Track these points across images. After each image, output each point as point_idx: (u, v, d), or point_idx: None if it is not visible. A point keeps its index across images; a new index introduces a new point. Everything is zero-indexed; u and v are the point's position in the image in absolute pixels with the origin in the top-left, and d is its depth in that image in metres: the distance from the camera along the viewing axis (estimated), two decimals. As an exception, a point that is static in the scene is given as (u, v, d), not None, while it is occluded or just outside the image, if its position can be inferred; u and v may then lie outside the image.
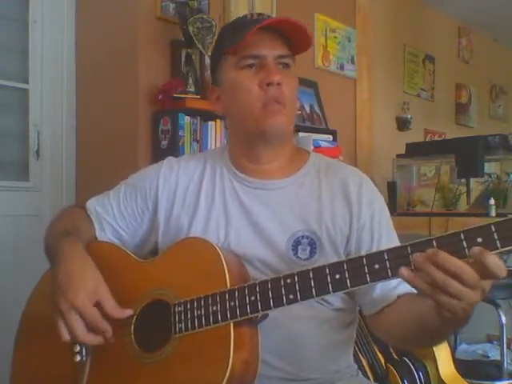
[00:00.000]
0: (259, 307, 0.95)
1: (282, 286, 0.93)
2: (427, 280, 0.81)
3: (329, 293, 0.91)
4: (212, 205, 1.16)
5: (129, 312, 1.04)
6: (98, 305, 1.01)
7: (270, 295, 0.94)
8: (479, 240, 0.80)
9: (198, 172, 1.22)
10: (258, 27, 1.05)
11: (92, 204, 1.27)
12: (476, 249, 0.78)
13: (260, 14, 1.15)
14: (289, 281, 0.93)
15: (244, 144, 1.17)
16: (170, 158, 1.28)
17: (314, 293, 0.91)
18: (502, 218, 0.81)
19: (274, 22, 1.08)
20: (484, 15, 4.35)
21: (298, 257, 1.09)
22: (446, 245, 0.83)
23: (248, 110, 1.10)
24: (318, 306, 1.11)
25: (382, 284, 1.06)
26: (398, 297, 1.07)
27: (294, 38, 1.11)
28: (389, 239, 1.12)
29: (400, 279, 1.06)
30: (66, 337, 1.01)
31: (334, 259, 1.05)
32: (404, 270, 0.82)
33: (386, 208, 1.18)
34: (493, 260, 0.77)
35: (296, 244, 1.10)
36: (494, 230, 0.80)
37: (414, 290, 1.08)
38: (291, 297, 0.93)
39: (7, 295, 2.07)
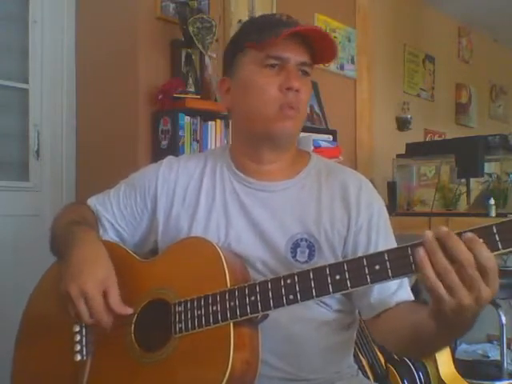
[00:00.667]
0: (259, 307, 0.95)
1: (282, 287, 0.93)
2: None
3: (329, 293, 0.91)
4: (212, 205, 1.16)
5: (129, 311, 1.04)
6: (104, 294, 1.02)
7: (270, 295, 0.94)
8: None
9: (198, 171, 1.21)
10: (294, 30, 1.05)
11: (92, 202, 1.27)
12: (469, 234, 0.78)
13: (289, 17, 1.13)
14: (289, 281, 0.93)
15: (247, 142, 1.17)
16: (170, 157, 1.28)
17: (314, 293, 0.91)
18: (504, 219, 0.80)
19: (309, 30, 1.08)
20: (484, 15, 4.35)
21: (297, 260, 1.09)
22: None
23: (261, 109, 1.09)
24: (318, 308, 1.11)
25: (381, 289, 1.06)
26: (397, 304, 1.07)
27: (319, 48, 1.11)
28: (386, 242, 1.12)
29: (399, 284, 1.06)
30: (74, 316, 1.03)
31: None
32: (421, 250, 0.81)
33: (385, 211, 1.18)
34: (484, 251, 0.77)
35: (295, 246, 1.10)
36: (495, 231, 0.80)
37: (412, 297, 1.09)
38: (291, 297, 0.92)
39: (7, 295, 2.07)
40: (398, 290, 1.07)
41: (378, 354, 2.05)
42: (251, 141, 1.15)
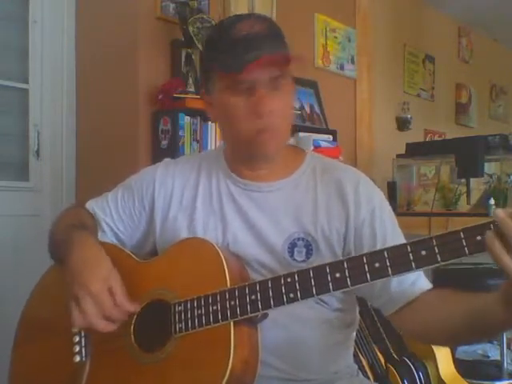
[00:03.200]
0: (259, 306, 0.95)
1: (283, 285, 0.93)
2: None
3: (329, 291, 0.91)
4: (209, 207, 1.16)
5: (137, 307, 1.04)
6: (109, 292, 1.01)
7: (271, 294, 0.94)
8: (478, 238, 0.80)
9: (194, 174, 1.21)
10: (252, 66, 1.01)
11: (91, 206, 1.27)
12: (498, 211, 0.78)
13: (248, 34, 1.04)
14: (289, 280, 0.93)
15: (238, 154, 1.17)
16: (167, 159, 1.29)
17: (314, 291, 0.92)
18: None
19: (264, 62, 1.02)
20: (484, 15, 4.35)
21: (295, 259, 1.09)
22: (446, 243, 0.83)
23: (237, 136, 1.09)
24: (318, 307, 1.10)
25: (399, 281, 1.05)
26: (423, 293, 1.05)
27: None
28: (394, 236, 1.11)
29: (415, 275, 1.05)
30: (80, 322, 1.00)
31: (330, 261, 1.04)
32: (490, 232, 0.79)
33: (387, 204, 1.17)
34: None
35: (292, 246, 1.10)
36: (493, 228, 0.80)
37: (431, 285, 1.07)
38: (291, 295, 0.93)
39: (7, 295, 2.07)
40: (417, 280, 1.06)
41: (378, 354, 2.05)
42: (241, 154, 1.16)
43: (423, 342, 1.77)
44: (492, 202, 2.59)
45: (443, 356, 2.09)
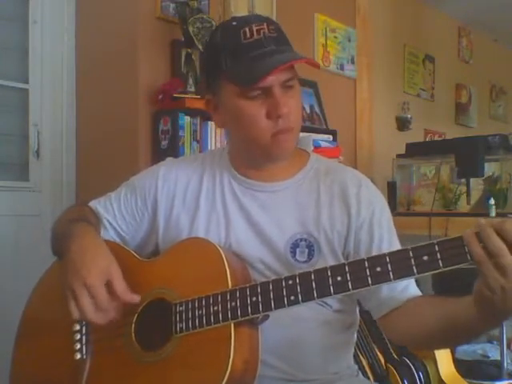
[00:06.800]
0: (260, 308, 0.95)
1: (284, 287, 0.93)
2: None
3: (330, 295, 0.91)
4: (212, 206, 1.16)
5: (137, 298, 1.03)
6: (108, 284, 1.01)
7: (272, 296, 0.94)
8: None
9: (198, 173, 1.21)
10: (266, 78, 1.01)
11: (94, 205, 1.27)
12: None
13: (259, 32, 1.04)
14: (290, 282, 0.93)
15: (246, 157, 1.16)
16: (170, 158, 1.29)
17: (315, 294, 0.92)
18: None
19: (278, 70, 1.02)
20: (484, 15, 4.35)
21: (297, 259, 1.09)
22: (448, 248, 0.83)
23: (255, 140, 1.08)
24: (319, 308, 1.10)
25: (389, 287, 1.06)
26: (409, 300, 1.06)
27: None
28: (390, 241, 1.11)
29: (406, 282, 1.06)
30: (76, 316, 1.00)
31: (332, 262, 1.05)
32: (468, 231, 0.82)
33: (387, 209, 1.17)
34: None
35: (294, 247, 1.10)
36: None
37: (420, 292, 1.08)
38: (292, 298, 0.93)
39: (7, 295, 2.07)
40: (408, 287, 1.07)
41: (378, 354, 2.05)
42: (250, 157, 1.15)
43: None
44: (492, 201, 2.59)
45: (443, 356, 2.09)
